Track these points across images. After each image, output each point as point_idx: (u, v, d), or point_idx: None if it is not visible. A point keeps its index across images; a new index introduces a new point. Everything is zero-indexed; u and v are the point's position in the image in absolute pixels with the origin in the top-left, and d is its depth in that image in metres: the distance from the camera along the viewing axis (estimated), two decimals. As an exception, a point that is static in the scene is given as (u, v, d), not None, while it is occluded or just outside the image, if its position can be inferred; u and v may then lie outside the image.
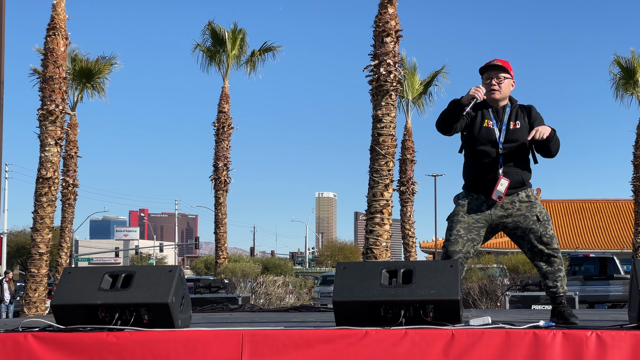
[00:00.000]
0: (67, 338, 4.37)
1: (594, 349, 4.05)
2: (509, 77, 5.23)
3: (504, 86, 5.20)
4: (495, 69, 5.22)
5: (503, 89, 5.20)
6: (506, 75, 5.21)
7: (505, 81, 5.20)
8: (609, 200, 57.54)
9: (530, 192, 5.23)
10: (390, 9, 15.09)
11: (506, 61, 5.30)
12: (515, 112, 5.21)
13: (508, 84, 5.22)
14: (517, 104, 5.29)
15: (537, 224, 5.11)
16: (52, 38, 17.85)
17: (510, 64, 5.33)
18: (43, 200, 17.69)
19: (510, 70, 5.25)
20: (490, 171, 5.13)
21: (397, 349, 4.15)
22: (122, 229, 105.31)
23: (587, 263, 22.13)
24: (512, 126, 5.16)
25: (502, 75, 5.19)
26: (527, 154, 5.24)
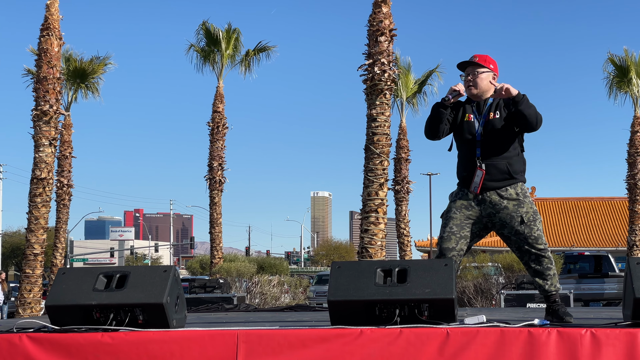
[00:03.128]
0: (62, 339, 4.36)
1: (588, 347, 4.06)
2: (487, 71, 5.23)
3: (481, 81, 5.21)
4: (470, 65, 5.25)
5: (480, 84, 5.21)
6: (483, 70, 5.21)
7: (481, 75, 5.21)
8: (604, 199, 57.66)
9: (519, 188, 5.15)
10: (385, 8, 15.09)
11: (484, 55, 5.31)
12: (497, 104, 5.20)
13: (486, 78, 5.22)
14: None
15: (521, 226, 5.08)
16: (45, 38, 17.81)
17: (491, 56, 5.33)
18: (37, 200, 17.65)
19: (488, 64, 5.25)
20: (471, 164, 5.16)
21: (392, 348, 4.15)
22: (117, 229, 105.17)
23: (582, 261, 22.17)
24: (491, 116, 5.17)
25: (477, 71, 5.21)
26: (512, 145, 5.15)
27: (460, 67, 5.31)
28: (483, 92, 5.23)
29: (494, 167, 5.10)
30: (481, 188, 5.09)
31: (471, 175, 5.11)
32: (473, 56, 5.28)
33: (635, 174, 27.20)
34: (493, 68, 5.26)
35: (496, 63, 5.34)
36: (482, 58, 5.26)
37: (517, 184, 5.15)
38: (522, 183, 5.20)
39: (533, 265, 5.15)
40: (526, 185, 5.33)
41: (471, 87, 5.21)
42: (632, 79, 27.14)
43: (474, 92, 5.21)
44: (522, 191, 5.17)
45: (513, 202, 5.11)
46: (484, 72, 5.22)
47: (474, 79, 5.21)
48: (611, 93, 27.90)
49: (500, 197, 5.11)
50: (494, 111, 5.17)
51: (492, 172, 5.09)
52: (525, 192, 5.19)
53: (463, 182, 5.21)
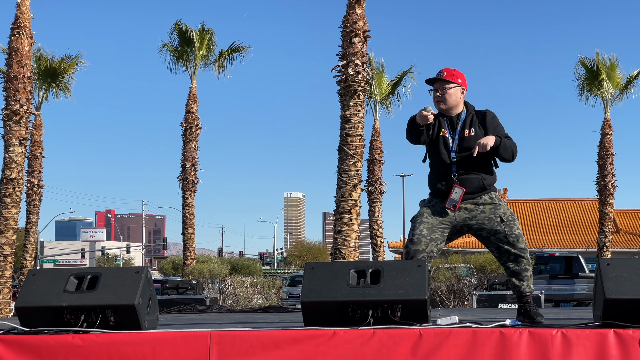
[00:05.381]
0: (31, 340, 4.31)
1: (559, 347, 4.10)
2: (455, 86, 5.28)
3: (449, 96, 5.27)
4: (438, 80, 5.31)
5: (448, 99, 5.27)
6: (451, 85, 5.27)
7: (449, 90, 5.26)
8: (574, 200, 58.28)
9: (493, 194, 5.27)
10: (358, 10, 15.13)
11: (452, 69, 5.36)
12: (470, 119, 5.27)
13: (455, 93, 5.28)
14: (473, 110, 5.33)
15: (501, 225, 5.15)
16: (16, 37, 17.60)
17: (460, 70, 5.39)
18: (7, 201, 17.44)
19: (456, 79, 5.30)
20: (446, 179, 5.22)
21: (365, 348, 4.16)
22: (88, 230, 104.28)
23: (553, 262, 22.39)
24: (466, 134, 5.23)
25: (446, 87, 5.26)
26: (487, 159, 5.26)
27: (428, 82, 5.37)
28: (452, 107, 5.29)
29: (468, 181, 5.19)
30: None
31: (448, 190, 5.18)
32: (441, 71, 5.34)
33: (605, 176, 27.52)
34: (461, 82, 5.32)
35: (464, 77, 5.39)
36: (450, 73, 5.32)
37: (491, 192, 5.27)
38: (494, 191, 5.32)
39: (511, 265, 5.20)
40: (498, 187, 5.43)
41: (440, 103, 5.29)
42: (603, 82, 27.43)
43: (442, 107, 5.29)
44: (497, 196, 5.28)
45: (489, 205, 5.20)
46: (452, 87, 5.27)
47: (443, 95, 5.27)
48: (582, 95, 28.17)
49: (475, 204, 5.19)
50: (468, 128, 5.24)
51: (466, 186, 5.18)
52: (498, 197, 5.30)
53: (437, 193, 5.27)
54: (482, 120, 5.26)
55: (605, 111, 27.78)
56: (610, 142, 27.62)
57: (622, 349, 4.08)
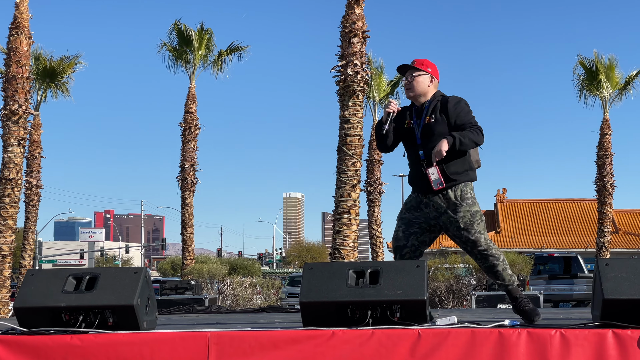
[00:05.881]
0: (30, 341, 4.30)
1: (558, 348, 4.10)
2: (424, 74, 5.35)
3: (417, 83, 5.34)
4: (409, 68, 5.40)
5: (416, 87, 5.34)
6: (419, 73, 5.35)
7: (418, 78, 5.34)
8: (573, 200, 58.29)
9: (459, 190, 5.19)
10: (357, 10, 15.13)
11: (423, 59, 5.45)
12: (434, 106, 5.30)
13: (423, 80, 5.34)
14: (438, 97, 5.34)
15: (460, 232, 5.18)
16: (15, 37, 17.59)
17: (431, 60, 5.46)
18: (6, 201, 17.42)
19: (425, 67, 5.37)
20: (417, 168, 5.28)
21: (363, 349, 4.16)
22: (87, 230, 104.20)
23: (552, 262, 22.40)
24: (427, 120, 5.27)
25: (414, 74, 5.35)
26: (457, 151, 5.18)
27: (400, 71, 5.47)
28: (420, 95, 5.35)
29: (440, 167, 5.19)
30: (426, 191, 5.18)
31: (422, 179, 5.21)
32: (412, 61, 5.43)
33: (604, 176, 27.53)
34: (431, 71, 5.39)
35: (435, 67, 5.46)
36: (420, 62, 5.42)
37: (458, 185, 5.19)
38: (465, 183, 5.22)
39: (481, 263, 5.26)
40: (497, 187, 5.39)
41: (408, 90, 5.39)
42: (602, 82, 27.44)
43: (410, 94, 5.38)
44: (462, 193, 5.19)
45: (452, 206, 5.18)
46: (420, 75, 5.35)
47: (411, 82, 5.37)
48: (581, 95, 28.18)
49: (441, 199, 5.19)
50: (430, 115, 5.28)
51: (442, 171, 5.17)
52: (464, 194, 5.19)
53: (414, 186, 5.34)
54: (444, 107, 5.27)
55: (604, 111, 27.79)
56: (609, 143, 27.63)
57: (621, 349, 4.08)
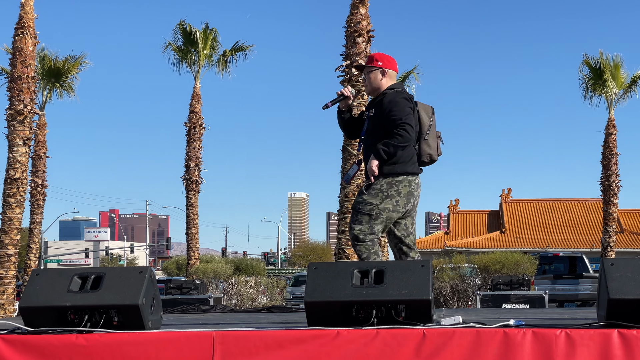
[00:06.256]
0: (35, 340, 4.31)
1: (563, 348, 4.09)
2: (375, 69, 5.40)
3: (370, 80, 5.42)
4: (366, 66, 5.47)
5: (369, 83, 5.42)
6: (371, 69, 5.41)
7: (370, 75, 5.41)
8: (578, 200, 58.18)
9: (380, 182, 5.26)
10: (362, 9, 15.12)
11: (376, 53, 5.50)
12: (378, 101, 5.37)
13: (375, 76, 5.40)
14: (385, 92, 5.36)
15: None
16: (20, 37, 17.63)
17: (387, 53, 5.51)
18: (11, 201, 17.46)
19: (377, 62, 5.41)
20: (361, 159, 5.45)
21: (368, 349, 4.15)
22: (92, 230, 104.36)
23: (557, 262, 22.36)
24: (370, 114, 5.38)
25: (366, 71, 5.43)
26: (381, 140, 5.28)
27: (358, 70, 5.59)
28: (373, 91, 5.42)
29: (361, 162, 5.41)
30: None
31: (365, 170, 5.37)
32: (368, 57, 5.53)
33: (610, 176, 27.48)
34: (382, 64, 5.41)
35: (388, 58, 5.46)
36: (371, 57, 5.49)
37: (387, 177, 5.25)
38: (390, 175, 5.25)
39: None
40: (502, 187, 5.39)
41: (365, 88, 5.50)
42: (607, 81, 27.38)
43: (366, 91, 5.54)
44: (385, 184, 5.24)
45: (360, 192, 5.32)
46: (371, 70, 5.42)
47: (365, 80, 5.46)
48: (586, 95, 28.13)
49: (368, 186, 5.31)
50: (371, 109, 5.39)
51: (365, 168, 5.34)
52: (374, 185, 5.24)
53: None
54: (382, 102, 5.32)
55: (609, 111, 27.74)
56: (614, 142, 27.58)
57: (626, 349, 4.07)
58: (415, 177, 5.32)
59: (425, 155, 5.35)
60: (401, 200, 5.25)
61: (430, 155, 5.36)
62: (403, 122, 5.14)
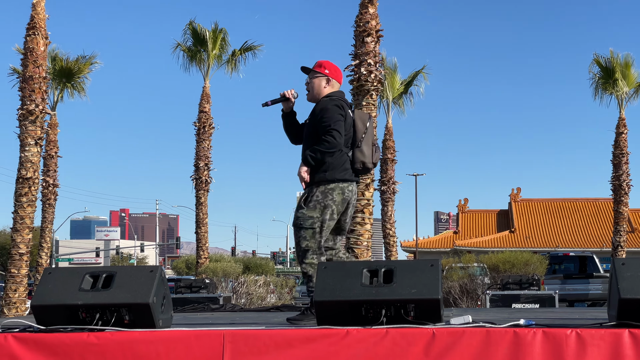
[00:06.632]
0: (47, 339, 4.34)
1: (573, 347, 4.08)
2: (320, 76, 5.45)
3: (313, 86, 5.47)
4: (310, 71, 5.51)
5: (312, 89, 5.47)
6: (316, 75, 5.46)
7: (314, 80, 5.47)
8: (589, 200, 57.96)
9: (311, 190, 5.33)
10: (371, 9, 15.11)
11: (322, 61, 5.52)
12: (314, 108, 5.42)
13: (318, 82, 5.46)
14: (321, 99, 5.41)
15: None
16: (31, 37, 17.71)
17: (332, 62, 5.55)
18: (23, 200, 17.55)
19: (323, 69, 5.45)
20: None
21: (378, 348, 4.16)
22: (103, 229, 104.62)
23: (567, 262, 22.30)
24: (307, 121, 5.45)
25: (312, 76, 5.48)
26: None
27: (303, 71, 5.58)
28: (314, 97, 5.47)
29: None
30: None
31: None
32: (316, 62, 5.54)
33: (620, 175, 27.37)
34: (329, 73, 5.46)
35: (335, 68, 5.53)
36: (319, 64, 5.52)
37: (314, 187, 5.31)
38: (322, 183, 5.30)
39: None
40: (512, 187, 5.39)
41: (307, 93, 5.52)
42: (618, 80, 27.28)
43: (308, 96, 5.51)
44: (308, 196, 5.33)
45: (298, 206, 5.37)
46: (316, 77, 5.46)
47: (309, 85, 5.50)
48: (597, 94, 28.05)
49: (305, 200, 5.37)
50: (310, 117, 5.44)
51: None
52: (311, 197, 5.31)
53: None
54: (314, 113, 5.38)
55: (620, 110, 27.63)
56: (625, 141, 27.48)
57: (637, 349, 4.06)
58: (348, 184, 5.38)
59: (358, 163, 5.40)
60: (336, 208, 5.35)
61: (363, 162, 5.41)
62: (331, 128, 5.21)
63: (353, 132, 5.38)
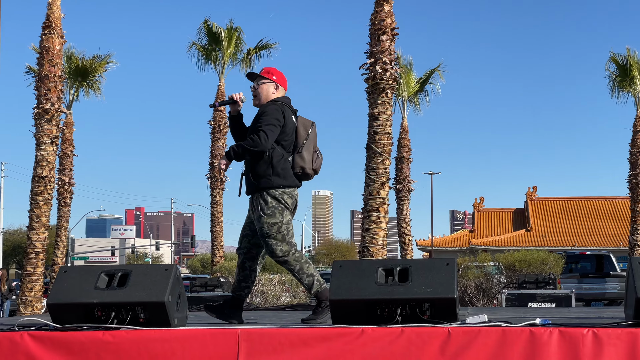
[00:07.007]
0: (63, 337, 4.36)
1: (590, 347, 4.06)
2: (268, 82, 5.53)
3: (261, 91, 5.54)
4: (257, 77, 5.59)
5: (260, 94, 5.54)
6: (264, 81, 5.54)
7: (263, 86, 5.54)
8: (606, 198, 57.61)
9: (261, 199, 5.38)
10: (386, 7, 15.08)
11: (270, 68, 5.64)
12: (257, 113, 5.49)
13: (267, 88, 5.54)
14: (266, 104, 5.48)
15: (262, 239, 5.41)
16: (47, 36, 17.81)
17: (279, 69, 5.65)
18: (39, 199, 17.66)
19: (271, 75, 5.55)
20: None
21: (393, 347, 4.14)
22: (118, 228, 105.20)
23: (584, 261, 22.16)
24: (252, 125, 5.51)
25: (259, 82, 5.55)
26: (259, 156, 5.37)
27: (249, 77, 5.65)
28: (262, 102, 5.54)
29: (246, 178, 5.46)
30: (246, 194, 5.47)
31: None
32: (262, 69, 5.64)
33: (637, 174, 27.17)
34: (276, 79, 5.56)
35: (282, 75, 5.62)
36: (266, 70, 5.61)
37: (260, 193, 5.37)
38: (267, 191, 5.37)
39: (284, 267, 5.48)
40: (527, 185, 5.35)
41: (255, 98, 5.59)
42: (635, 78, 27.11)
43: (255, 102, 5.58)
44: (263, 203, 5.38)
45: (255, 214, 5.41)
46: (265, 82, 5.54)
47: (256, 90, 5.57)
48: (613, 92, 27.88)
49: (250, 205, 5.45)
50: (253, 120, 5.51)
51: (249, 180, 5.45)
52: (264, 204, 5.37)
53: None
54: (258, 116, 5.46)
55: (637, 108, 27.43)
56: (642, 139, 27.26)
57: (655, 349, 4.02)
58: (293, 189, 5.49)
59: (297, 168, 5.46)
60: (290, 209, 5.48)
61: (302, 168, 5.47)
62: (261, 129, 5.30)
63: (295, 138, 5.48)
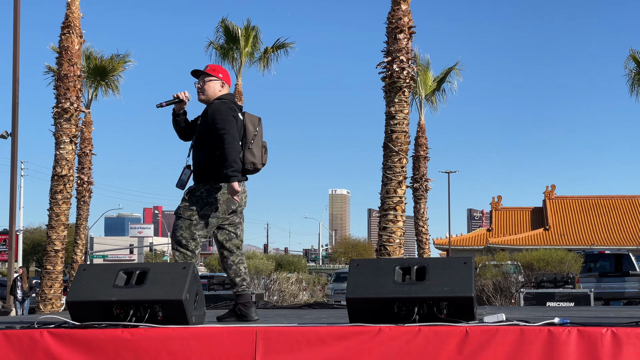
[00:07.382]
0: (82, 334, 4.39)
1: (609, 346, 4.03)
2: (215, 79, 5.61)
3: (207, 87, 5.62)
4: (202, 73, 5.66)
5: (207, 90, 5.62)
6: (211, 78, 5.62)
7: (209, 83, 5.62)
8: (625, 197, 57.17)
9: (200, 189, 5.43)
10: (404, 6, 15.05)
11: (215, 65, 5.77)
12: (206, 109, 5.56)
13: (213, 85, 5.62)
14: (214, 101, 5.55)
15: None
16: (66, 36, 17.93)
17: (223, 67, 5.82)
18: (58, 197, 17.79)
19: (217, 73, 5.64)
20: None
21: (410, 346, 4.14)
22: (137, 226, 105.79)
23: (602, 260, 22.02)
24: (199, 122, 5.60)
25: (206, 79, 5.63)
26: (207, 149, 5.44)
27: (193, 74, 5.72)
28: (209, 98, 5.61)
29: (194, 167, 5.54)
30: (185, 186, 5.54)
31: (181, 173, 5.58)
32: (206, 66, 5.72)
33: (657, 172, 26.95)
34: (222, 77, 5.65)
35: (227, 73, 5.73)
36: (212, 68, 5.70)
37: (209, 183, 5.44)
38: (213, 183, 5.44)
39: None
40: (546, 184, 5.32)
41: (199, 93, 5.66)
42: (654, 76, 26.87)
43: (201, 97, 5.66)
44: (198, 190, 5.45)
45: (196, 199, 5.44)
46: (211, 80, 5.62)
47: (202, 86, 5.64)
48: (633, 90, 27.63)
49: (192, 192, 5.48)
50: (201, 117, 5.59)
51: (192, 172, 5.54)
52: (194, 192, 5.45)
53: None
54: (206, 111, 5.53)
55: (656, 106, 27.19)
56: (662, 138, 27.03)
57: (675, 348, 3.99)
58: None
59: (248, 164, 5.52)
60: (221, 207, 5.45)
61: (253, 163, 5.54)
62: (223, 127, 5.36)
63: (244, 134, 5.54)
